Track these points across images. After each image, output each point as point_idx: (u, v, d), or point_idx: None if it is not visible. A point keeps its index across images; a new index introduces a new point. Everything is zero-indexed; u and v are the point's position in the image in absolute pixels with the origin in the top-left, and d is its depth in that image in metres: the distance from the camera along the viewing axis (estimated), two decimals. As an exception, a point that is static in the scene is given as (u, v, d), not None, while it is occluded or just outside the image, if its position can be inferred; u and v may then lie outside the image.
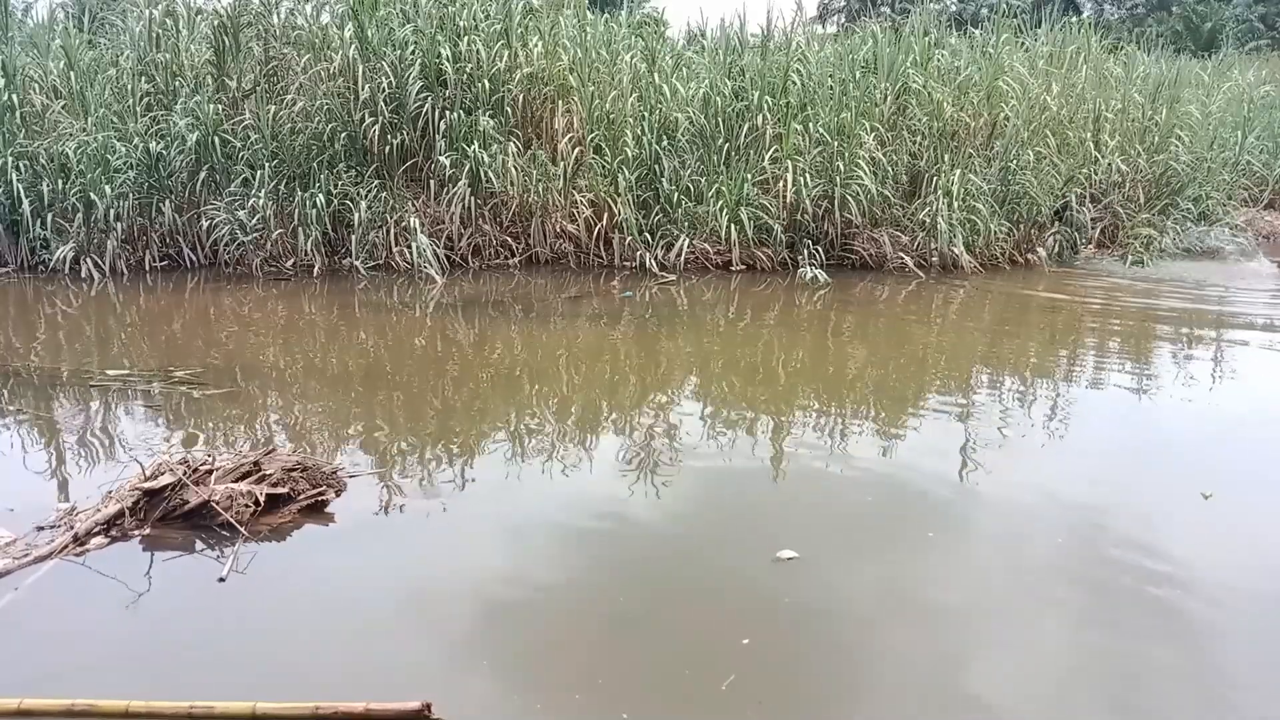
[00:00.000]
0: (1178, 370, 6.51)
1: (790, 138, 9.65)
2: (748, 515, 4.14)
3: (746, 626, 3.12)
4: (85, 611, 3.26)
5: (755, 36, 11.10)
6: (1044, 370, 6.58)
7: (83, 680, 2.76)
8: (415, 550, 3.78)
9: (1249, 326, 8.14)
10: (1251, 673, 2.94)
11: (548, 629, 3.16)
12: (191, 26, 10.36)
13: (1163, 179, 11.64)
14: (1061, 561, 3.64)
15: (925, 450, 4.86)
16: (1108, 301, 8.78)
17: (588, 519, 4.03)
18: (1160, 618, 3.23)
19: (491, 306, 8.13)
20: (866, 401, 5.84)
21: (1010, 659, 3.04)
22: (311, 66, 9.65)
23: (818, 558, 3.59)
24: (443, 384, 6.16)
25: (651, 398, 5.89)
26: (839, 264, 9.66)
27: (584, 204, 9.64)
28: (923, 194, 9.84)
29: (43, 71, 10.15)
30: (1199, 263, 10.78)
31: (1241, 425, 5.38)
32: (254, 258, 9.14)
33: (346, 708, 2.61)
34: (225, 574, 3.42)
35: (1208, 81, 14.02)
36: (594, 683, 2.86)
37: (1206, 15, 32.26)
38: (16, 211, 9.07)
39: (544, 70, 10.03)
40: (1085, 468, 4.62)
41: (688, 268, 9.46)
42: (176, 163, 9.32)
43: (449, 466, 4.64)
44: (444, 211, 9.47)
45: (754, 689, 2.79)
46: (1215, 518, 4.01)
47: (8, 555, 3.46)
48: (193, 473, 3.88)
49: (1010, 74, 10.62)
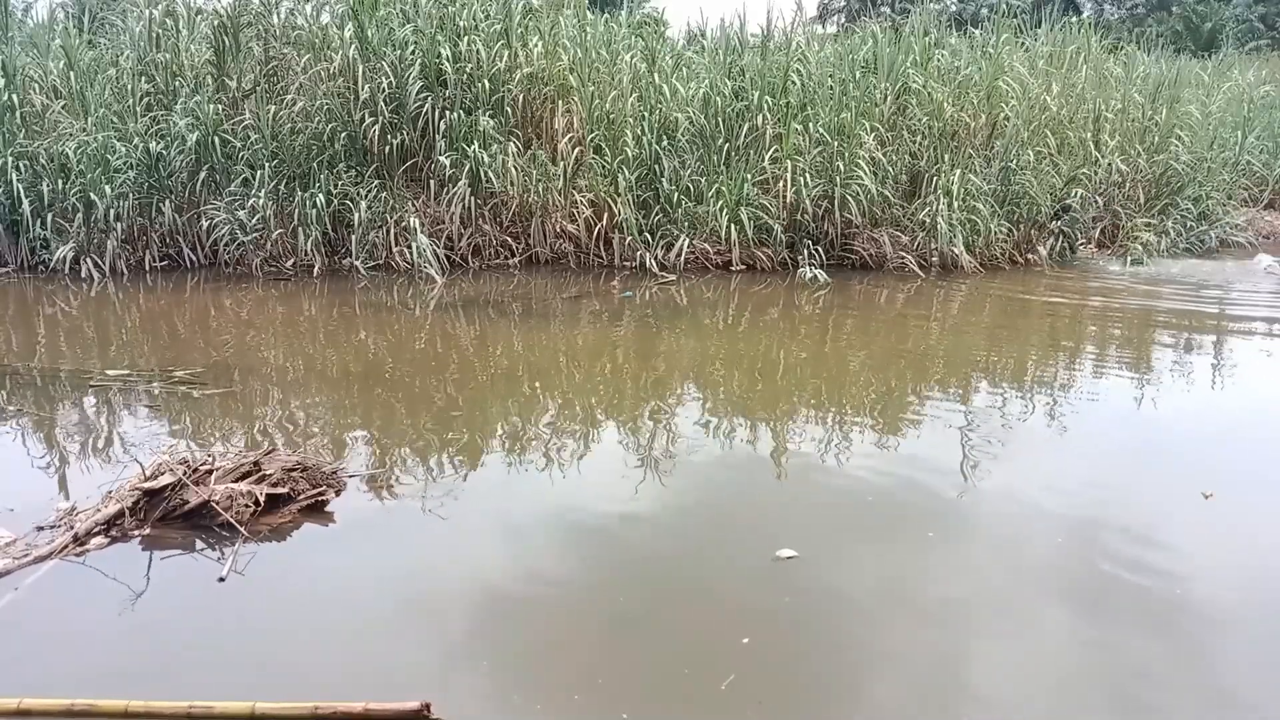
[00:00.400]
0: (1177, 370, 6.51)
1: (790, 138, 9.65)
2: (748, 515, 4.14)
3: (746, 626, 3.12)
4: (85, 611, 3.26)
5: (755, 36, 11.12)
6: (1044, 370, 6.58)
7: (83, 680, 2.77)
8: (415, 550, 3.78)
9: (1249, 326, 8.14)
10: (1251, 672, 2.94)
11: (547, 628, 3.16)
12: (191, 26, 10.37)
13: (1163, 179, 11.64)
14: (1061, 561, 3.64)
15: (925, 450, 4.86)
16: (1107, 301, 8.78)
17: (588, 518, 4.03)
18: (1160, 617, 3.23)
19: (491, 306, 8.13)
20: (866, 401, 5.84)
21: (1010, 658, 3.04)
22: (311, 66, 9.66)
23: (818, 557, 3.59)
24: (442, 384, 6.16)
25: (651, 398, 5.89)
26: (839, 264, 9.66)
27: (584, 204, 9.64)
28: (923, 194, 9.84)
29: (43, 71, 10.16)
30: (1199, 263, 10.78)
31: (1242, 425, 5.38)
32: (254, 258, 9.15)
33: (345, 708, 2.61)
34: (225, 574, 3.43)
35: (1208, 81, 14.02)
36: (594, 682, 2.86)
37: (1206, 15, 32.25)
38: (16, 211, 9.09)
39: (544, 70, 10.04)
40: (1085, 467, 4.62)
41: (688, 268, 9.46)
42: (176, 163, 9.32)
43: (449, 466, 4.64)
44: (444, 211, 9.48)
45: (754, 688, 2.79)
46: (1215, 518, 4.01)
47: (8, 555, 3.47)
48: (193, 473, 3.88)
49: (1010, 74, 10.62)
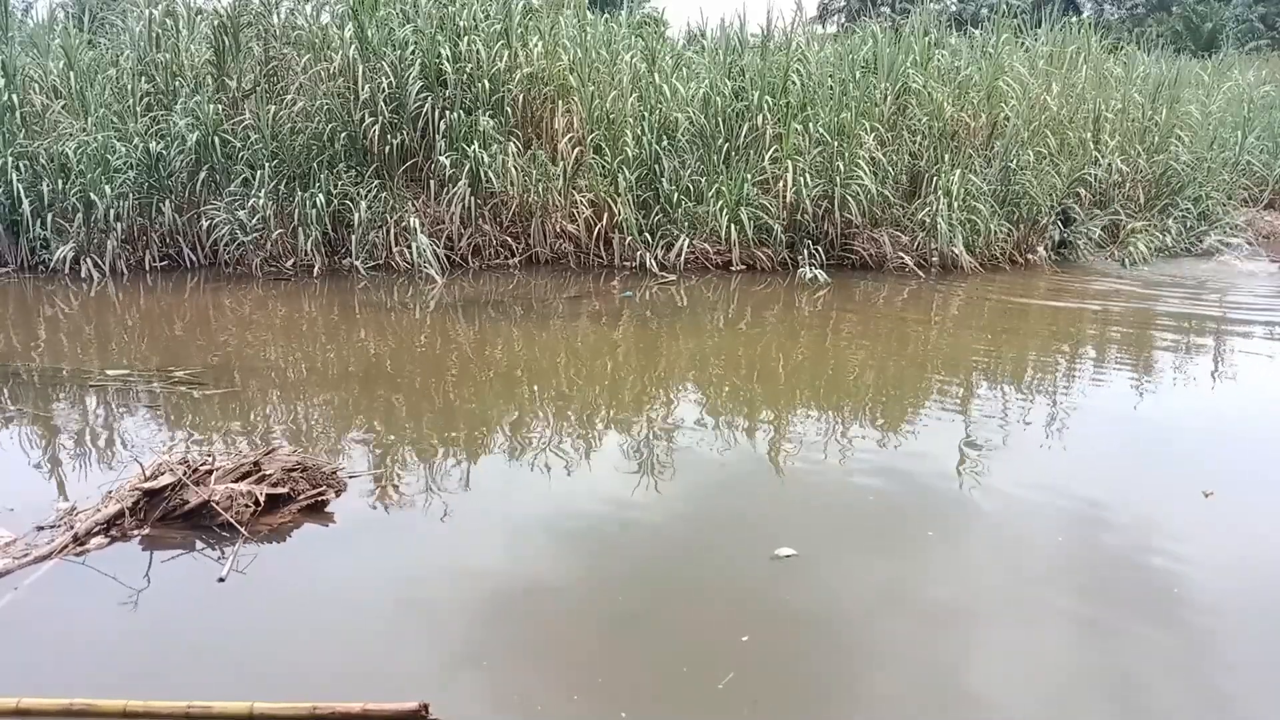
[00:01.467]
0: (1177, 370, 6.51)
1: (790, 138, 9.64)
2: (747, 514, 4.13)
3: (746, 624, 3.12)
4: (85, 611, 3.26)
5: (755, 36, 11.10)
6: (1043, 370, 6.58)
7: (82, 680, 2.77)
8: (415, 550, 3.78)
9: (1249, 326, 8.14)
10: (1252, 672, 2.94)
11: (547, 628, 3.16)
12: (191, 26, 10.36)
13: (1163, 179, 11.63)
14: (1061, 560, 3.64)
15: (925, 449, 4.86)
16: (1107, 301, 8.78)
17: (588, 519, 4.03)
18: (1160, 616, 3.23)
19: (491, 306, 8.13)
20: (866, 401, 5.84)
21: (1009, 656, 3.04)
22: (311, 66, 9.65)
23: (818, 556, 3.59)
24: (443, 384, 6.16)
25: (651, 398, 5.89)
26: (839, 264, 9.66)
27: (584, 204, 9.63)
28: (923, 194, 9.83)
29: (43, 71, 10.14)
30: (1199, 263, 10.77)
31: (1242, 426, 5.38)
32: (254, 258, 9.14)
33: (344, 708, 2.61)
34: (225, 574, 3.43)
35: (1208, 81, 14.01)
36: (593, 681, 2.86)
37: (1206, 15, 32.24)
38: (16, 211, 9.08)
39: (544, 70, 10.03)
40: (1085, 467, 4.62)
41: (688, 268, 9.46)
42: (176, 163, 9.32)
43: (449, 466, 4.64)
44: (444, 211, 9.47)
45: (753, 687, 2.79)
46: (1215, 517, 4.01)
47: (8, 555, 3.46)
48: (193, 473, 3.88)
49: (1010, 74, 10.61)
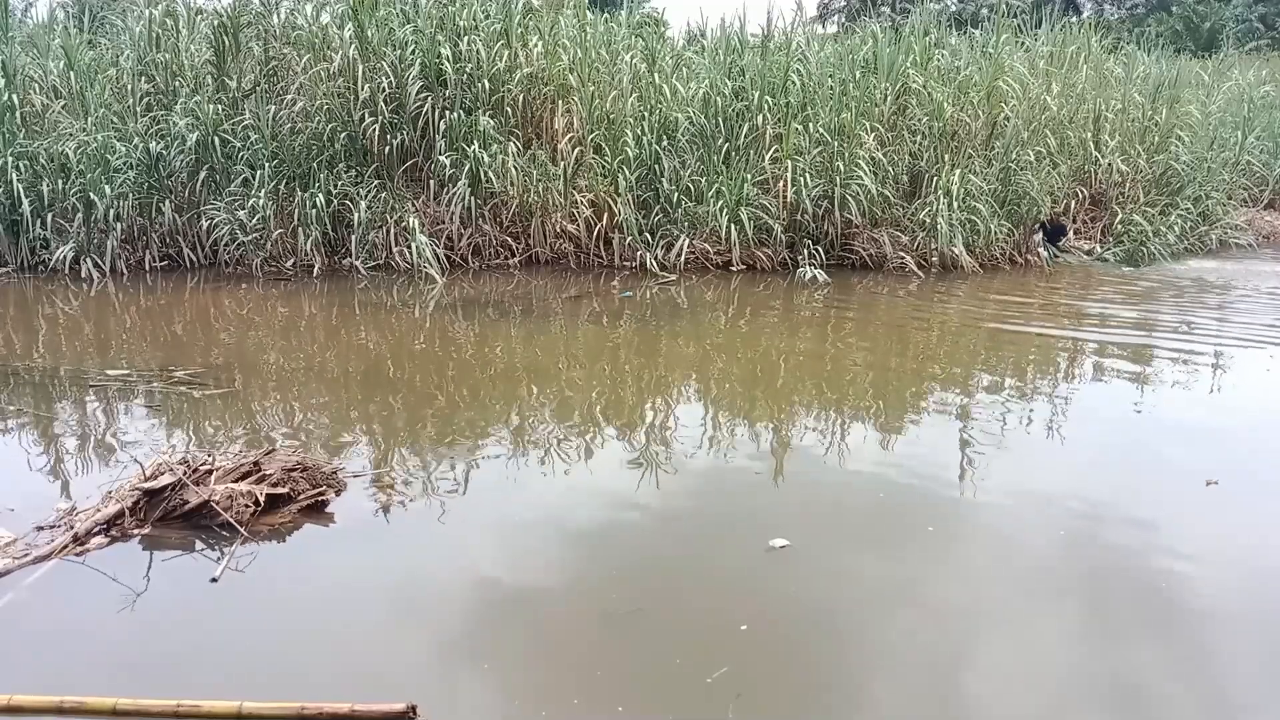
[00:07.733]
0: (1177, 371, 6.50)
1: (790, 138, 9.64)
2: (746, 513, 4.13)
3: (743, 614, 3.16)
4: (85, 611, 3.26)
5: (755, 36, 11.12)
6: (1043, 369, 6.58)
7: (82, 679, 2.77)
8: (414, 550, 3.78)
9: (1248, 331, 8.13)
10: (1251, 672, 2.94)
11: (547, 628, 3.16)
12: (191, 26, 10.36)
13: (1163, 179, 11.64)
14: (1061, 556, 3.65)
15: (925, 447, 4.87)
16: (1107, 301, 8.78)
17: (586, 518, 4.03)
18: (1160, 615, 3.23)
19: (491, 306, 8.13)
20: (866, 400, 5.84)
21: (1007, 652, 3.04)
22: (311, 66, 9.65)
23: (816, 555, 3.60)
24: (442, 384, 6.16)
25: (651, 397, 5.89)
26: (839, 264, 9.66)
27: (584, 204, 9.63)
28: (923, 194, 9.84)
29: (43, 71, 10.15)
30: (1199, 262, 10.77)
31: (1241, 426, 5.38)
32: (254, 258, 9.14)
33: (331, 708, 2.60)
34: (218, 574, 3.42)
35: (1208, 81, 14.02)
36: (592, 678, 2.86)
37: (1206, 15, 32.22)
38: (16, 211, 9.08)
39: (544, 70, 10.03)
40: (1085, 466, 4.63)
41: (688, 268, 9.46)
42: (176, 163, 9.32)
43: (449, 466, 4.64)
44: (444, 211, 9.48)
45: (749, 677, 2.80)
46: (1215, 517, 4.01)
47: (8, 555, 3.47)
48: (193, 473, 3.88)
49: (1010, 74, 10.60)
